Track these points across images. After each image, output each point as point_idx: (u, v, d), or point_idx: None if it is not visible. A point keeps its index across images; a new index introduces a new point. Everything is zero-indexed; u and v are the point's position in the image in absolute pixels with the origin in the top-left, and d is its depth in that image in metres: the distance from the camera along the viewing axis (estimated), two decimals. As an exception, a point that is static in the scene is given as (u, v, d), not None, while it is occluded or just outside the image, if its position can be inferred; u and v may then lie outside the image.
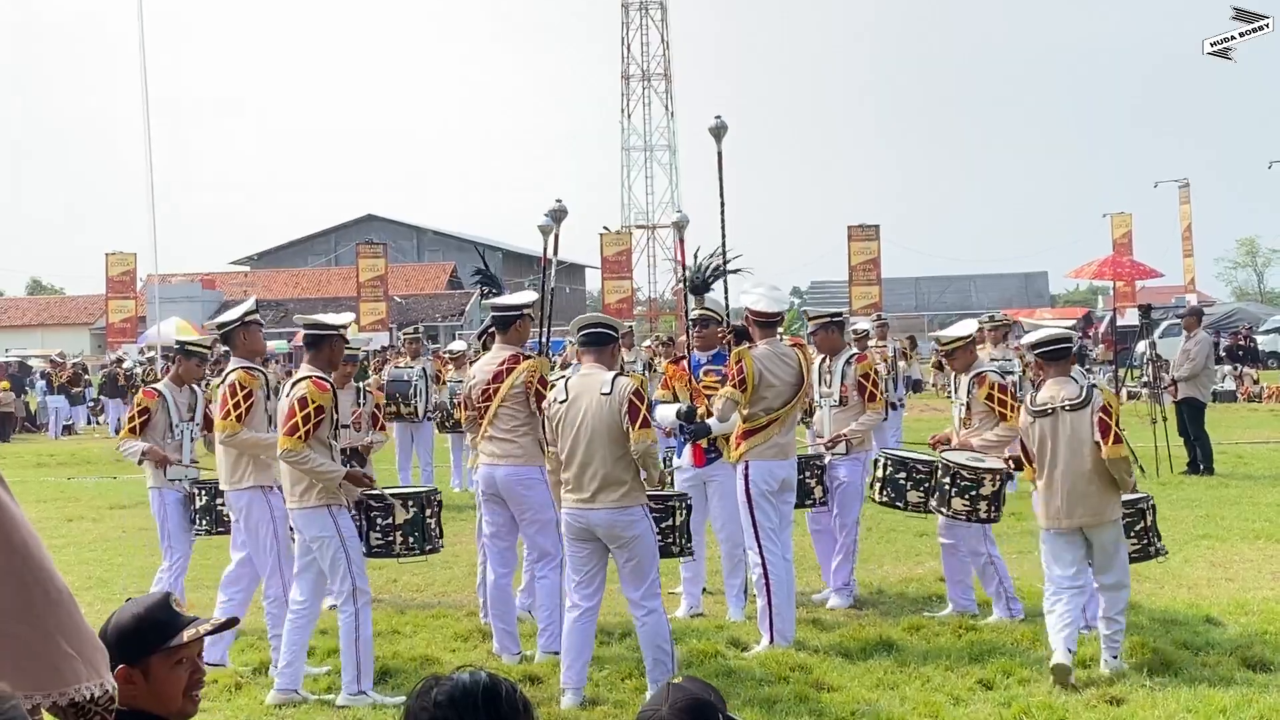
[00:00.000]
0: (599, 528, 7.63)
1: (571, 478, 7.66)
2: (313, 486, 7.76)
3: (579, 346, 8.10)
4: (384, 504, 8.54)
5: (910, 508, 9.67)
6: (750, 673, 8.05)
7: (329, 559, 7.81)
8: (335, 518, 7.85)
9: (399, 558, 8.94)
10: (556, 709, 7.45)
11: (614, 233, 54.89)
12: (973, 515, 9.14)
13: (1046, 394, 8.10)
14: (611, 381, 7.66)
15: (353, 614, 7.75)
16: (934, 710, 7.17)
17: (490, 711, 2.94)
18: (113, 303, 53.85)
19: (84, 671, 2.84)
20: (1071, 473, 7.89)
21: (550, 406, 7.83)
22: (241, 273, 78.63)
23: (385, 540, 8.52)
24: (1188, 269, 54.22)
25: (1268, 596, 9.74)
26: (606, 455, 7.57)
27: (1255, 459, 19.06)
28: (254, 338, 8.84)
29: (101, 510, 16.99)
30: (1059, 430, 7.96)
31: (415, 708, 2.97)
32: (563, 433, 7.69)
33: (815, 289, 74.32)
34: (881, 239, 50.02)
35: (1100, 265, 44.55)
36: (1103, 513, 7.90)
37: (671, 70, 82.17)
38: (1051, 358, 8.22)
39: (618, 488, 7.58)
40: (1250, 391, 33.59)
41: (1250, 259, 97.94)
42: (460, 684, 2.97)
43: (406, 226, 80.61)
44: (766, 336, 9.09)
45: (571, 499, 7.68)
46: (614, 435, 7.58)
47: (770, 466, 8.92)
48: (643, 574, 7.66)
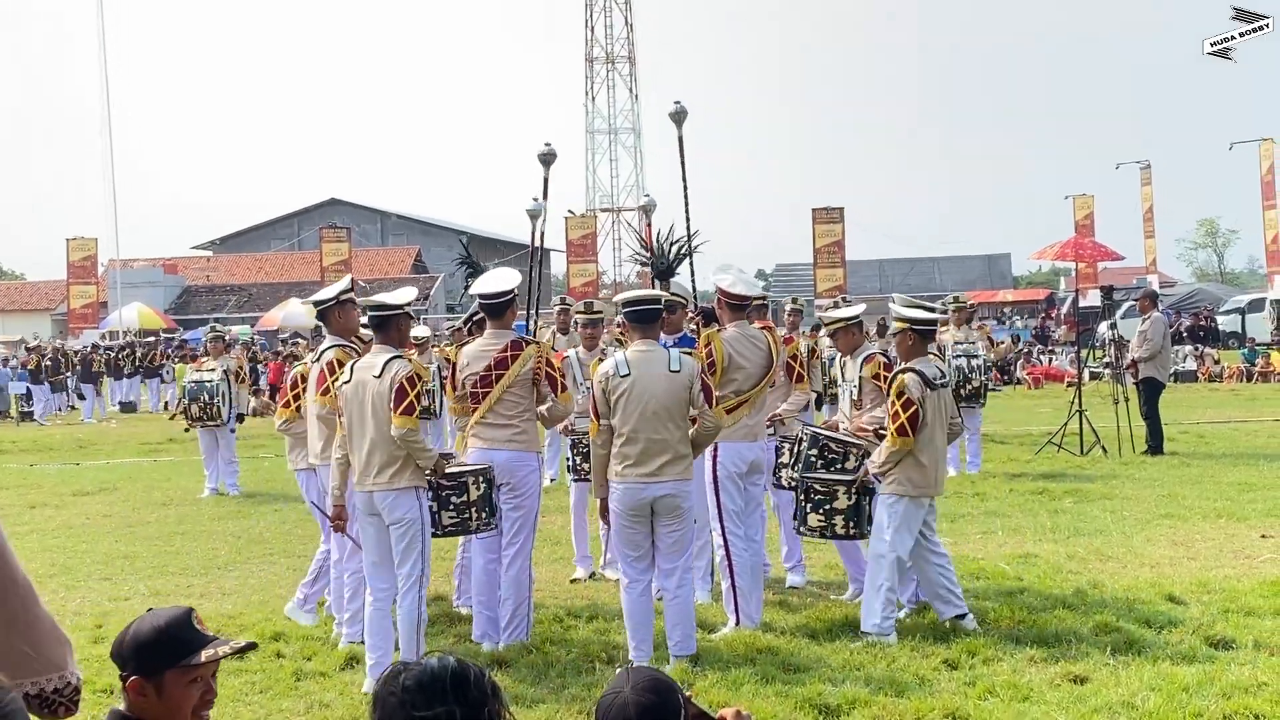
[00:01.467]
0: (661, 500, 7.85)
1: (634, 453, 7.82)
2: (406, 467, 7.75)
3: (629, 322, 8.23)
4: (457, 482, 8.47)
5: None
6: (717, 654, 8.07)
7: (407, 541, 7.81)
8: (421, 500, 7.91)
9: (476, 533, 8.90)
10: (527, 693, 7.45)
11: (579, 216, 54.88)
12: (827, 531, 8.98)
13: (929, 370, 8.46)
14: (679, 359, 7.93)
15: (416, 600, 7.81)
16: (900, 690, 7.21)
17: (459, 696, 2.94)
18: (74, 288, 53.53)
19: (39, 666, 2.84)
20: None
21: (608, 380, 7.90)
22: (204, 257, 78.10)
23: (461, 518, 8.48)
24: (1149, 250, 54.59)
25: (1229, 575, 9.82)
26: (674, 431, 7.84)
27: (1216, 439, 19.23)
28: (349, 316, 8.90)
29: (65, 497, 16.88)
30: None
31: (384, 693, 2.97)
32: (625, 408, 7.82)
33: (780, 272, 74.32)
34: (846, 221, 50.14)
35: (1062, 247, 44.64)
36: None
37: (635, 53, 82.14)
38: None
39: (681, 462, 7.89)
40: (1211, 371, 33.90)
41: (1211, 240, 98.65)
42: (429, 669, 2.97)
43: (370, 210, 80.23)
44: (736, 319, 9.02)
45: (632, 474, 7.83)
46: (682, 412, 7.88)
47: (740, 449, 8.91)
48: (685, 545, 8.04)
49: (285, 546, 12.69)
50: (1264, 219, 48.41)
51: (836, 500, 8.88)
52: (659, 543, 8.01)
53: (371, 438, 7.76)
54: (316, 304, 9.06)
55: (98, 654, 8.53)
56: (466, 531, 8.73)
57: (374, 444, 7.75)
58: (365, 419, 7.79)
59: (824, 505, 8.92)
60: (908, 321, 8.61)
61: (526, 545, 8.63)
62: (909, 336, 8.59)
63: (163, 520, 14.55)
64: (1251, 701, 6.76)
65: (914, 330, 8.58)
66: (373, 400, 7.75)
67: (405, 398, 7.65)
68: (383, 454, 7.74)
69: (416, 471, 7.80)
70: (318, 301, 9.03)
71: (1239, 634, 8.07)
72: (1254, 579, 9.60)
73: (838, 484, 8.90)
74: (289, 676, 8.00)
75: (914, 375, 8.35)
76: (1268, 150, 47.44)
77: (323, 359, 8.75)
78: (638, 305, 8.12)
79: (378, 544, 7.94)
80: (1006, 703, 6.96)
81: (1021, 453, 18.17)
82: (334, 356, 8.62)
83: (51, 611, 3.05)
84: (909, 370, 8.41)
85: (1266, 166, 47.33)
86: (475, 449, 8.62)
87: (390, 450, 7.72)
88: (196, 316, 60.95)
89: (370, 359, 7.94)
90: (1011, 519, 12.54)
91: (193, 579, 11.08)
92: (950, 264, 72.03)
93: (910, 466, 8.43)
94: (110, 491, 17.35)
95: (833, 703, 7.01)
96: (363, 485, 7.87)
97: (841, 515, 8.87)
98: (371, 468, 7.79)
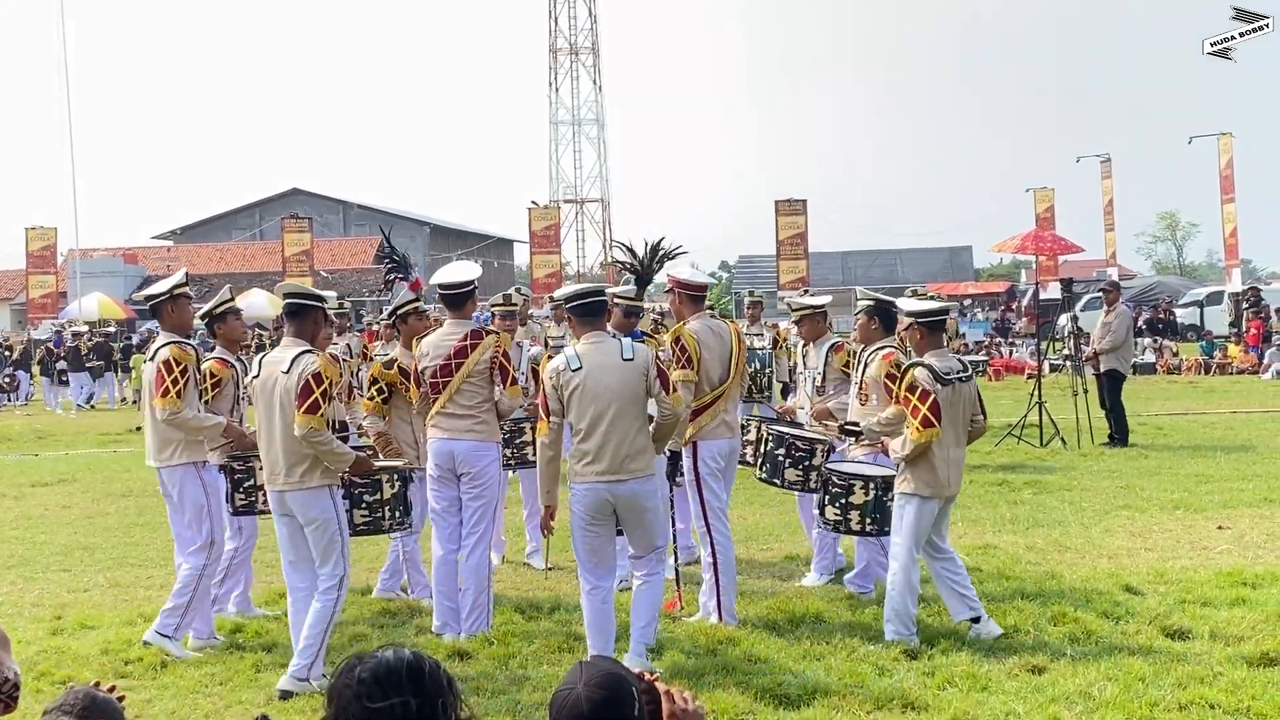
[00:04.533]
0: (622, 499, 7.56)
1: (592, 449, 7.50)
2: (317, 465, 7.50)
3: (574, 318, 7.79)
4: (370, 480, 8.37)
5: (787, 485, 9.62)
6: (678, 644, 8.09)
7: (325, 541, 7.59)
8: (335, 499, 7.66)
9: (389, 532, 8.92)
10: (488, 684, 7.45)
11: (542, 207, 54.76)
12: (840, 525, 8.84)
13: (942, 364, 8.12)
14: (631, 346, 7.63)
15: (334, 600, 7.59)
16: (859, 680, 7.24)
17: (415, 688, 2.95)
18: (33, 278, 53.01)
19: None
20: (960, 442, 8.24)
21: (558, 375, 7.56)
22: (165, 247, 77.54)
23: (374, 516, 8.39)
24: (1109, 243, 54.97)
25: (1186, 566, 9.91)
26: (631, 424, 7.51)
27: (1174, 430, 19.37)
28: (183, 311, 8.64)
29: (23, 488, 16.77)
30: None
31: (339, 685, 2.98)
32: (579, 403, 7.50)
33: (743, 263, 74.41)
34: (809, 213, 50.21)
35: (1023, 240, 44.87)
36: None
37: (600, 44, 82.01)
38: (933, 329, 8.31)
39: (642, 456, 7.57)
40: (1169, 364, 34.13)
41: (1170, 233, 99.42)
42: (384, 661, 2.98)
43: (332, 200, 79.80)
44: (696, 311, 8.98)
45: (593, 472, 7.52)
46: (640, 403, 7.55)
47: (719, 445, 8.87)
48: (655, 536, 7.77)
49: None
50: (1222, 213, 48.80)
51: (853, 495, 8.69)
52: (630, 541, 7.82)
53: (280, 435, 7.51)
54: (148, 298, 8.69)
55: (55, 646, 8.51)
56: (379, 531, 8.68)
57: (282, 442, 7.51)
58: (273, 416, 7.54)
59: (841, 499, 8.73)
60: (913, 315, 8.34)
61: (487, 535, 8.61)
62: (917, 330, 8.27)
63: (122, 511, 14.46)
64: (1207, 691, 6.83)
65: (920, 323, 8.24)
66: (280, 396, 7.48)
67: (310, 395, 7.32)
68: (291, 452, 7.49)
69: (328, 470, 7.56)
70: (149, 296, 8.66)
71: (1195, 624, 8.15)
72: (1210, 570, 9.69)
73: (855, 479, 8.71)
74: (248, 668, 7.97)
75: (924, 369, 8.00)
76: (1226, 145, 47.83)
77: (157, 357, 8.35)
78: (581, 300, 7.77)
79: (292, 543, 7.76)
80: (965, 692, 7.01)
81: (981, 444, 18.16)
82: (170, 355, 8.27)
83: (10, 603, 3.03)
84: (919, 364, 8.09)
85: (1225, 161, 47.70)
86: (435, 439, 8.60)
87: (299, 448, 7.46)
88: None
89: (280, 353, 7.65)
90: (971, 510, 12.59)
91: (152, 570, 11.01)
92: (912, 256, 72.26)
93: (920, 465, 8.06)
94: (69, 483, 17.23)
95: (793, 693, 7.04)
96: (273, 484, 7.64)
97: (858, 511, 8.67)
98: (280, 466, 7.56)
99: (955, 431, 8.13)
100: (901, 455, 8.05)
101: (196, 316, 9.19)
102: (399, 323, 9.78)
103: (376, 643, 8.25)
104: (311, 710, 7.14)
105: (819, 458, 9.35)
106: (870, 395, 9.17)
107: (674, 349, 8.80)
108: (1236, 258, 49.27)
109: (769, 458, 9.52)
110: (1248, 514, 12.11)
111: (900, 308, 8.78)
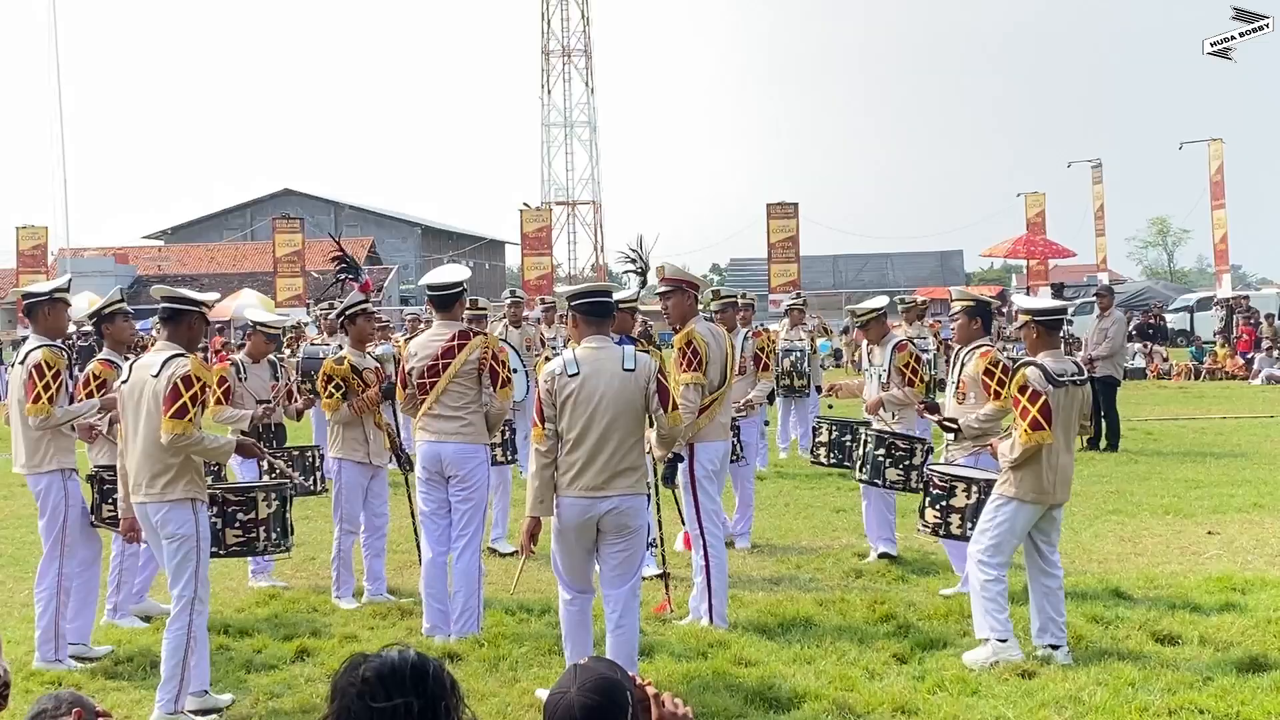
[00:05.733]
0: (606, 517, 6.98)
1: (579, 462, 6.95)
2: (180, 477, 7.05)
3: (578, 318, 7.20)
4: (245, 497, 8.07)
5: (889, 486, 9.95)
6: (669, 648, 8.08)
7: (178, 558, 7.07)
8: (198, 515, 7.16)
9: (264, 554, 8.71)
10: (478, 686, 7.44)
11: (534, 209, 54.80)
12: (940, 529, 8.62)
13: (1056, 365, 7.76)
14: (634, 357, 7.09)
15: (185, 626, 7.02)
16: (849, 684, 7.25)
17: (418, 688, 2.96)
18: (24, 277, 52.74)
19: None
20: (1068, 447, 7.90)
21: (554, 380, 7.01)
22: (155, 247, 77.46)
23: (248, 537, 8.01)
24: (1100, 248, 54.94)
25: (1176, 571, 9.93)
26: (625, 438, 7.00)
27: (1164, 435, 19.41)
28: (59, 316, 8.32)
29: (13, 487, 16.66)
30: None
31: (343, 684, 2.99)
32: (572, 411, 6.96)
33: (735, 266, 74.42)
34: (800, 217, 50.23)
35: (1014, 244, 45.14)
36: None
37: (592, 47, 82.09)
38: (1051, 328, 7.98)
39: (632, 474, 7.04)
40: (1159, 369, 34.17)
41: (1161, 238, 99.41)
42: (389, 661, 2.99)
43: (324, 201, 79.73)
44: (697, 312, 8.98)
45: (577, 486, 6.97)
46: (636, 417, 7.05)
47: (715, 447, 8.89)
48: (632, 568, 7.17)
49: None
50: (1213, 219, 48.82)
51: (955, 497, 8.45)
52: (602, 565, 7.21)
53: (143, 443, 7.08)
54: (26, 296, 8.44)
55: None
56: (253, 552, 8.41)
57: (145, 450, 7.08)
58: (139, 422, 7.12)
59: (941, 501, 8.50)
60: (1030, 313, 7.96)
61: (477, 537, 8.60)
62: (1032, 329, 7.90)
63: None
64: (1196, 697, 6.85)
65: (1037, 322, 7.89)
66: (148, 402, 7.06)
67: (179, 398, 6.90)
68: (155, 461, 7.05)
69: (193, 482, 7.10)
70: (28, 294, 8.39)
71: (1185, 630, 8.17)
72: (1200, 575, 9.71)
73: (957, 481, 8.48)
74: (238, 670, 7.96)
75: (1036, 369, 7.63)
76: (1217, 150, 47.83)
77: (28, 360, 8.03)
78: (587, 298, 7.21)
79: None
80: (955, 696, 7.01)
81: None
82: (41, 358, 7.98)
83: (0, 603, 3.03)
84: (1031, 364, 7.73)
85: (1215, 167, 47.73)
86: (423, 441, 8.61)
87: (163, 458, 7.02)
88: (148, 306, 60.28)
89: (151, 357, 7.22)
90: (962, 514, 12.58)
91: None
92: (903, 260, 72.34)
93: (1026, 469, 7.66)
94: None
95: (783, 696, 7.05)
96: (135, 495, 7.19)
97: (959, 514, 8.43)
98: (143, 476, 7.11)
99: (1066, 436, 7.78)
100: (1010, 459, 7.68)
101: (85, 315, 9.12)
102: (347, 323, 9.83)
103: (368, 644, 8.24)
104: (300, 710, 7.14)
105: (919, 457, 9.72)
106: (968, 393, 9.23)
107: (684, 352, 8.73)
108: (1227, 263, 49.31)
109: (869, 459, 9.92)
110: (1237, 519, 12.14)
111: (1017, 305, 8.53)
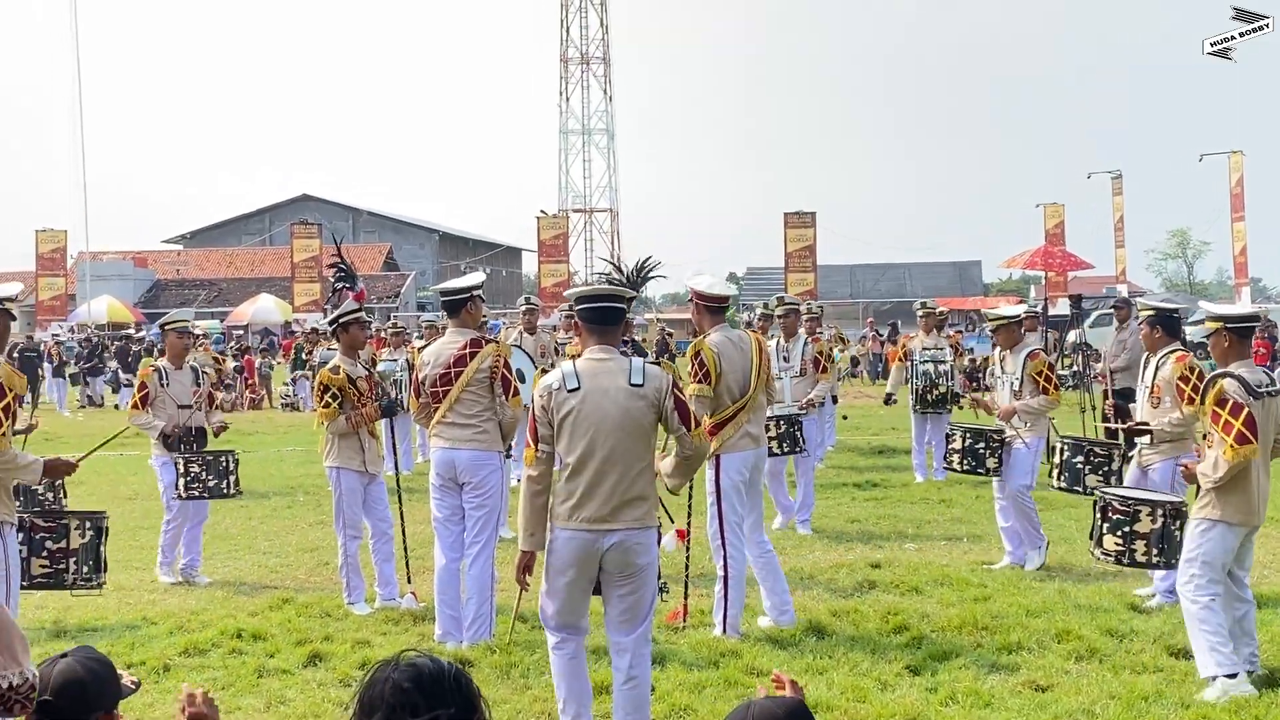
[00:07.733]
0: (610, 553, 6.17)
1: (580, 489, 6.15)
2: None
3: (582, 324, 6.49)
4: (56, 524, 7.60)
5: (1088, 492, 9.76)
6: (680, 657, 8.06)
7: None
8: (5, 540, 6.69)
9: (70, 589, 7.94)
10: (490, 693, 7.40)
11: (551, 216, 54.97)
12: (1124, 556, 8.11)
13: (1252, 376, 7.34)
14: (642, 370, 6.26)
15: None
16: (861, 695, 7.22)
17: (457, 698, 2.93)
18: (43, 280, 53.15)
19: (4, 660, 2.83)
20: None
21: (552, 395, 6.20)
22: (174, 251, 77.79)
23: (55, 568, 7.52)
24: (1119, 260, 54.88)
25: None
26: (633, 463, 6.18)
27: (1181, 448, 19.26)
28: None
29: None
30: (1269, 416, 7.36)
31: (374, 694, 2.94)
32: (572, 431, 6.15)
33: (751, 275, 74.45)
34: (818, 226, 50.23)
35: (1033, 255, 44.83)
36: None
37: (610, 54, 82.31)
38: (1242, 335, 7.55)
39: (641, 504, 6.22)
40: (1178, 381, 34.00)
41: (1181, 250, 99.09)
42: (424, 669, 2.95)
43: (342, 207, 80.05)
44: (717, 323, 8.78)
45: (578, 518, 6.16)
46: (645, 439, 6.24)
47: (743, 457, 8.65)
48: (642, 612, 6.32)
49: (250, 542, 12.65)
50: (1232, 231, 48.70)
51: (1139, 523, 7.99)
52: (608, 610, 6.38)
53: None
54: None
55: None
56: (61, 586, 7.82)
57: None
58: None
59: (1123, 527, 8.03)
60: (1221, 320, 7.50)
61: (490, 544, 8.60)
62: (1224, 337, 7.49)
63: (128, 515, 14.45)
64: (1210, 711, 6.80)
65: (1229, 329, 7.49)
66: None
67: None
68: None
69: (2, 505, 6.68)
70: None
71: (1199, 643, 8.11)
72: (1215, 589, 9.64)
73: (1140, 505, 8.02)
74: (250, 673, 7.96)
75: (1234, 380, 7.21)
76: (1237, 163, 47.72)
77: None
78: (595, 303, 6.45)
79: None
80: (968, 709, 6.98)
81: (988, 460, 18.17)
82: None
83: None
84: (1227, 374, 7.29)
85: (1235, 179, 47.61)
86: (437, 448, 8.62)
87: None
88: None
89: None
90: (977, 526, 12.57)
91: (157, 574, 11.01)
92: (921, 270, 72.31)
93: (1232, 488, 7.20)
94: (75, 485, 17.11)
95: (795, 707, 7.01)
96: None
97: (1144, 540, 7.95)
98: None
99: (1265, 452, 7.35)
100: (1214, 478, 7.18)
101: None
102: (340, 331, 9.83)
103: (380, 650, 8.25)
104: (311, 714, 7.14)
105: (1117, 462, 9.81)
106: (1163, 397, 9.19)
107: (692, 363, 8.65)
108: (1246, 276, 49.18)
109: (1067, 466, 10.06)
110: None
111: (1207, 311, 7.90)
